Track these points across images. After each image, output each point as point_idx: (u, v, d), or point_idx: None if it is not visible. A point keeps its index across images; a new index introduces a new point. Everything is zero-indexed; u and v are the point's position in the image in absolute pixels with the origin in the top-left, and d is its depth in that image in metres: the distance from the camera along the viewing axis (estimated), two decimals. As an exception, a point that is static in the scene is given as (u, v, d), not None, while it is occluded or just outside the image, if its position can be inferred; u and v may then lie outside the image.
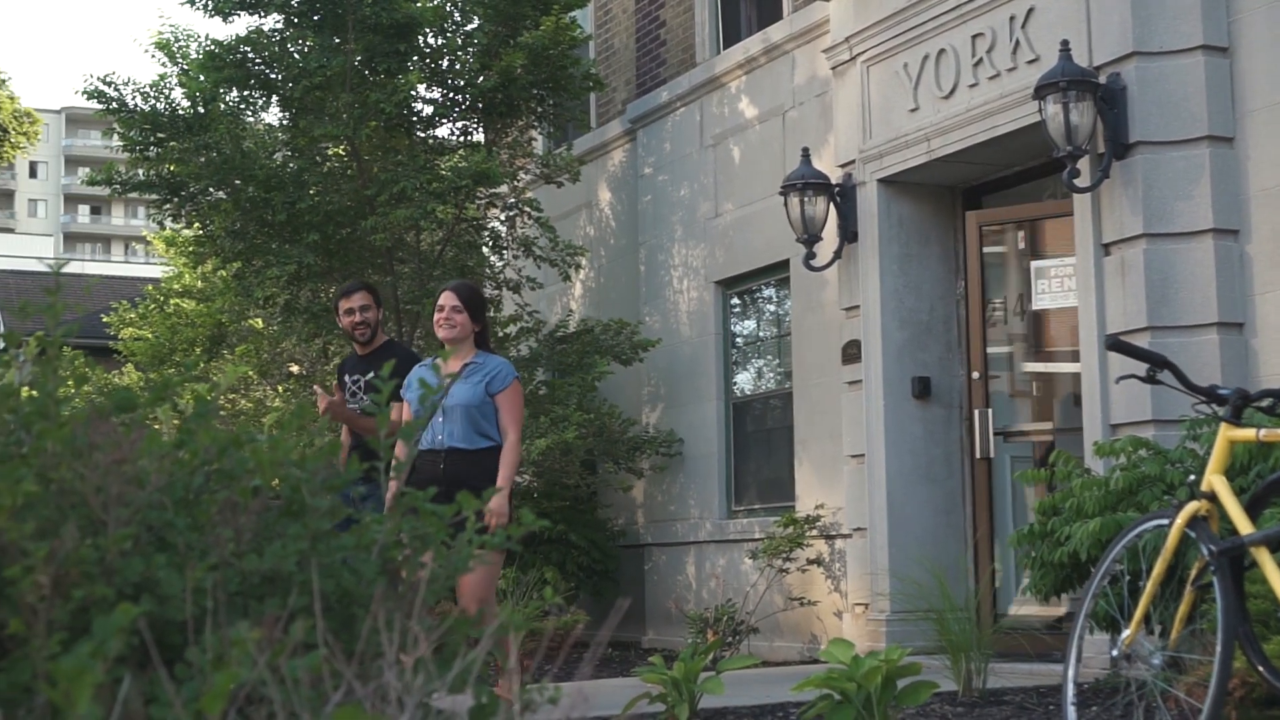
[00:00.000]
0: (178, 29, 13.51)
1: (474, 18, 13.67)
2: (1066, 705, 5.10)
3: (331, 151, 13.95)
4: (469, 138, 14.22)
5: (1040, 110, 8.70)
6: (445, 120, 13.96)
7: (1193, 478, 4.97)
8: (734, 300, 13.16)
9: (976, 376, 10.15)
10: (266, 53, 12.98)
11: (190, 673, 2.14)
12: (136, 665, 2.15)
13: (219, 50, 12.86)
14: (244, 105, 13.64)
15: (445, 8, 13.41)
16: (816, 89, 11.80)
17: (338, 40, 12.93)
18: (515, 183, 13.83)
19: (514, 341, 13.89)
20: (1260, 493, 4.85)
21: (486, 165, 12.48)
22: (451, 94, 13.74)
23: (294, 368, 16.35)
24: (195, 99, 12.99)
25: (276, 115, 14.31)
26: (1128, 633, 4.94)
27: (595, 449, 13.02)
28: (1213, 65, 8.48)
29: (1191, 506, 4.85)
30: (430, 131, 14.08)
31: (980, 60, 9.63)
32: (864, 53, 10.54)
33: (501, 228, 14.31)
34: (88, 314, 26.49)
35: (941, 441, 10.40)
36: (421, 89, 13.55)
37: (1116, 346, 5.27)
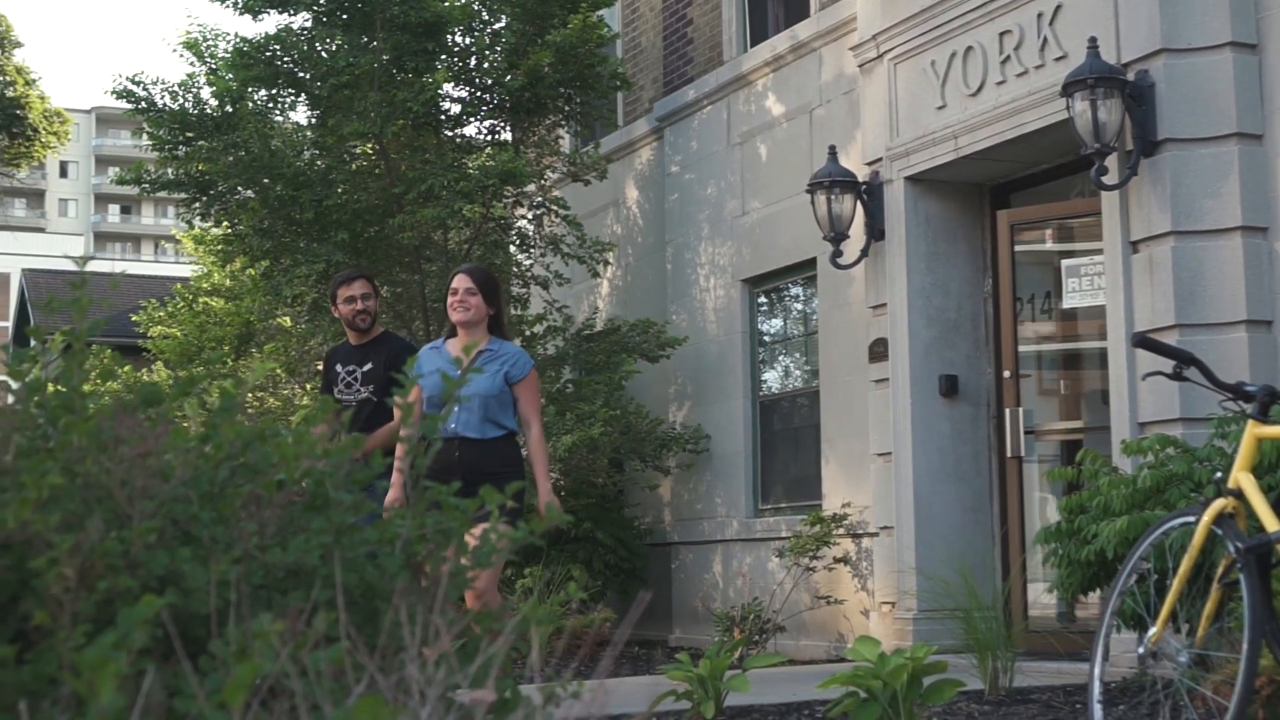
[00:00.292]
0: (206, 28, 13.57)
1: (502, 16, 13.69)
2: (1093, 703, 5.08)
3: (359, 150, 13.99)
4: (496, 136, 14.24)
5: (1068, 107, 8.67)
6: (473, 119, 13.98)
7: (1219, 475, 4.95)
8: (761, 298, 13.15)
9: (1008, 375, 10.11)
10: (295, 51, 13.02)
11: (214, 665, 2.15)
12: (161, 657, 2.17)
13: (248, 49, 12.90)
14: (272, 104, 13.69)
15: (473, 6, 13.43)
16: (844, 87, 11.79)
17: (366, 39, 12.97)
18: (542, 181, 13.84)
19: (541, 340, 13.90)
20: (1288, 490, 4.84)
21: (514, 164, 12.50)
22: (479, 93, 13.77)
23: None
24: (223, 98, 13.04)
25: (305, 114, 14.37)
26: (1154, 630, 4.93)
27: (622, 447, 13.02)
28: (1241, 62, 8.44)
29: (1218, 504, 4.83)
30: (458, 130, 14.11)
31: (1008, 57, 9.60)
32: (891, 50, 10.52)
33: (529, 226, 14.32)
34: (118, 313, 26.61)
35: (969, 440, 10.38)
36: (449, 88, 13.58)
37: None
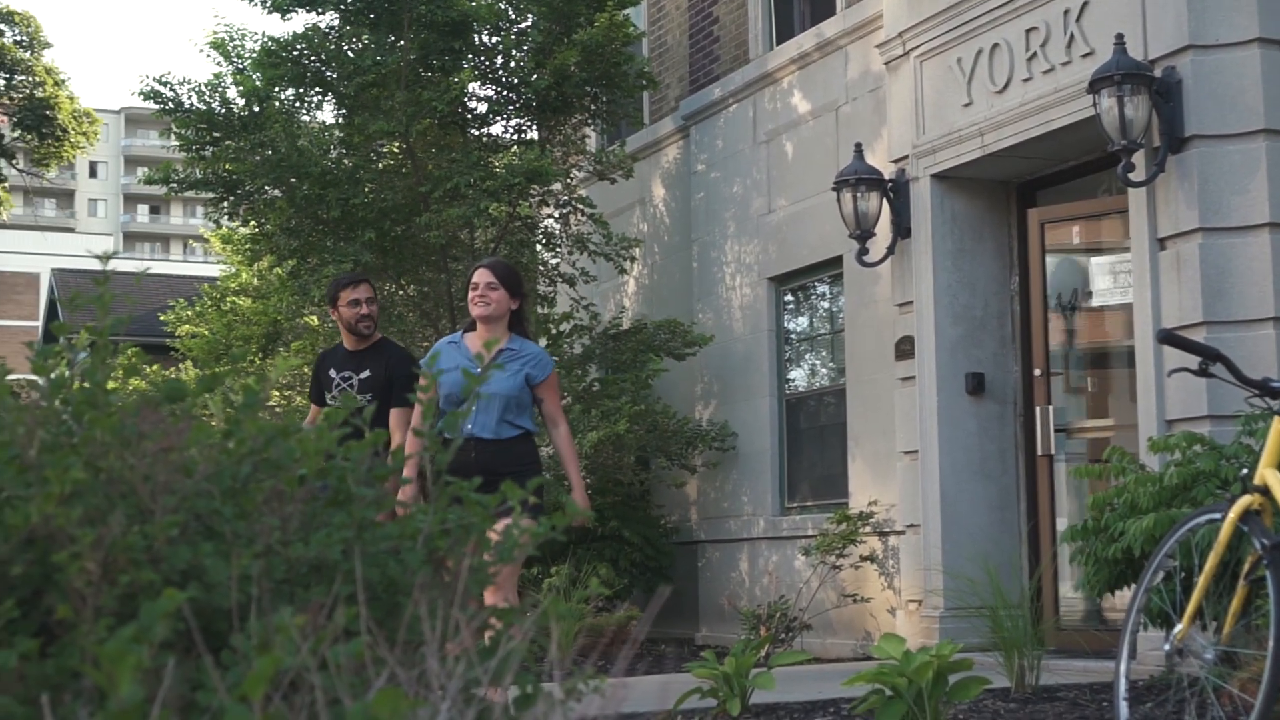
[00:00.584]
0: (233, 28, 13.62)
1: (529, 15, 13.71)
2: (1119, 701, 5.07)
3: (386, 149, 14.03)
4: (523, 135, 14.26)
5: (1094, 104, 8.64)
6: (499, 118, 14.00)
7: (1245, 471, 4.94)
8: (787, 296, 13.14)
9: (1038, 373, 10.07)
10: (322, 51, 13.06)
11: (235, 659, 2.16)
12: (183, 651, 2.18)
13: (274, 48, 12.95)
14: (299, 103, 13.74)
15: (500, 5, 13.45)
16: (870, 84, 11.77)
17: (393, 38, 13.00)
18: (569, 180, 13.86)
19: (567, 339, 13.91)
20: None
21: (540, 162, 12.52)
22: (505, 91, 13.79)
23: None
24: (250, 97, 13.08)
25: (331, 113, 14.41)
26: (1180, 627, 4.91)
27: (648, 445, 13.03)
28: (1269, 58, 8.40)
29: (1244, 500, 4.81)
30: (484, 129, 14.13)
31: (1034, 54, 9.57)
32: (917, 47, 10.50)
33: (555, 225, 14.34)
34: (147, 312, 26.73)
35: (995, 438, 10.35)
36: (475, 87, 13.61)
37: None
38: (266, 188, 13.15)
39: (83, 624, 2.14)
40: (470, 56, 13.36)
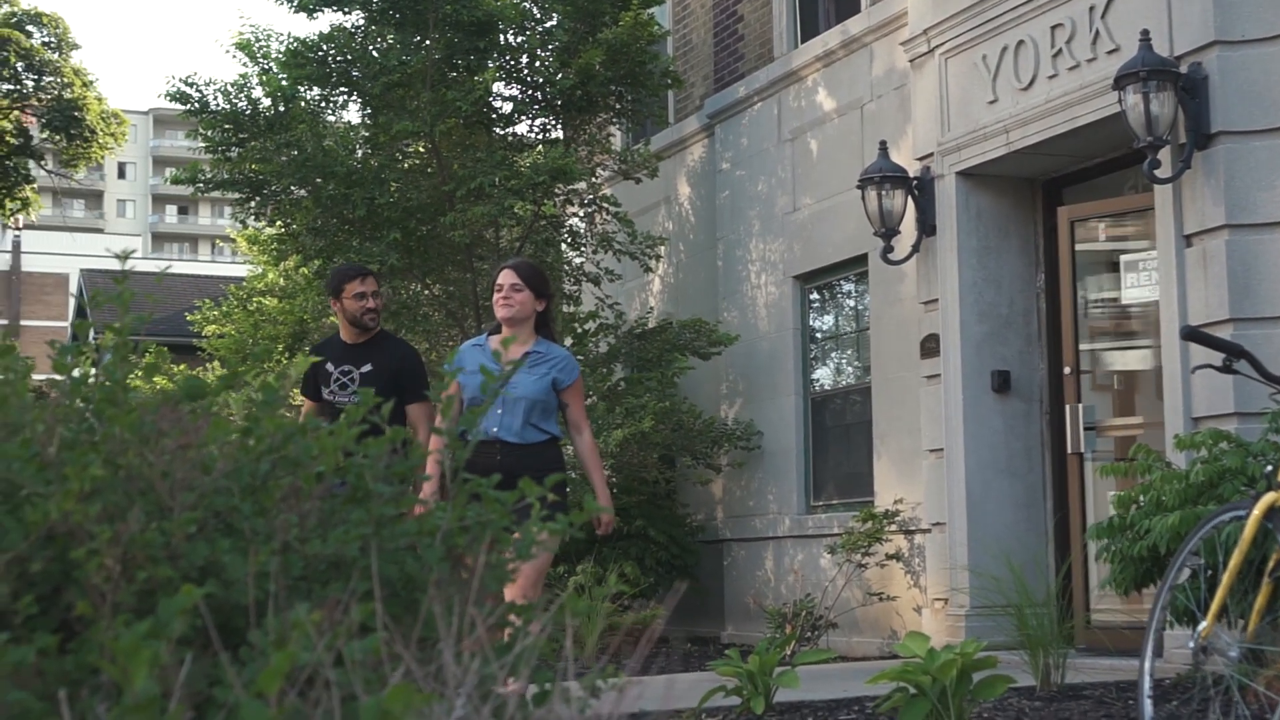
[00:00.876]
0: (258, 28, 13.66)
1: (553, 15, 13.72)
2: (1143, 699, 5.06)
3: (411, 148, 14.05)
4: (548, 134, 14.28)
5: (1120, 101, 8.61)
6: (524, 117, 14.02)
7: (1270, 468, 4.91)
8: (812, 295, 13.12)
9: (1068, 371, 10.02)
10: (347, 50, 13.09)
11: (252, 654, 2.17)
12: (201, 647, 2.18)
13: (300, 48, 12.98)
14: (324, 103, 13.77)
15: (525, 5, 13.47)
16: (895, 82, 11.75)
17: (418, 37, 13.03)
18: (594, 179, 13.87)
19: (593, 338, 13.92)
20: (1340, 484, 4.79)
21: (565, 161, 12.53)
22: (530, 91, 13.80)
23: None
24: (276, 97, 13.11)
25: (357, 113, 14.44)
26: (1205, 625, 4.89)
27: (674, 443, 13.03)
28: (1296, 53, 8.36)
29: (1269, 497, 4.79)
30: (509, 128, 14.15)
31: (1059, 51, 9.54)
32: (942, 45, 10.48)
33: (580, 224, 14.35)
34: (174, 312, 26.84)
35: (1021, 435, 10.33)
36: (500, 86, 13.62)
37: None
38: (292, 188, 13.18)
39: (101, 620, 2.15)
40: (495, 56, 13.37)
